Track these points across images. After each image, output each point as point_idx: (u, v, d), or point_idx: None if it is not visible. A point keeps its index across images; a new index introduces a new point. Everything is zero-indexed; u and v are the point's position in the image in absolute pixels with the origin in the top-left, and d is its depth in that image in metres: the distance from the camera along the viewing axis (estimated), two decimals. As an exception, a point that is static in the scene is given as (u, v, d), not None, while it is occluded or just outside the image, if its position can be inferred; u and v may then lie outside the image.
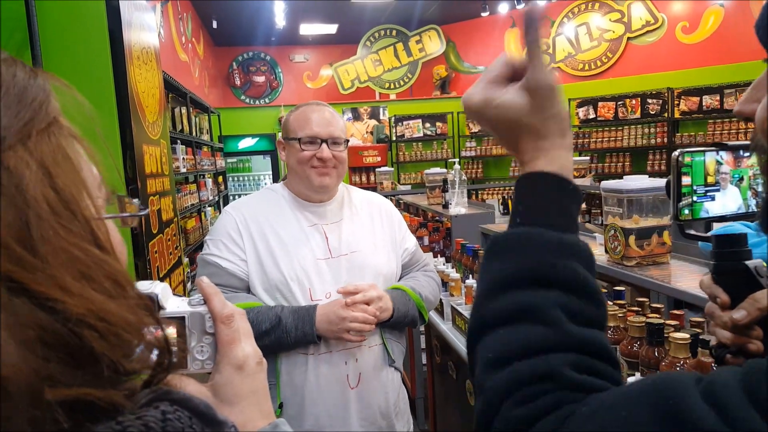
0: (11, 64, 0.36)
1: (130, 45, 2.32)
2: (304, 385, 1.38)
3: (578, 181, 4.50)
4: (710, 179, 0.81)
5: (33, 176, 0.33)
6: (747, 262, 0.76)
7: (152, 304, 0.44)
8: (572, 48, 8.42)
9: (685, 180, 0.80)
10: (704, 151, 0.82)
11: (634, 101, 7.61)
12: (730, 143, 0.82)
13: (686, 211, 0.82)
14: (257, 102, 9.85)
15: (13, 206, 0.31)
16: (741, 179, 0.82)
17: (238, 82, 9.80)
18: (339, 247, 1.48)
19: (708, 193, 0.82)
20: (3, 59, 0.36)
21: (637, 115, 7.59)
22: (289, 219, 1.49)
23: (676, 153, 0.79)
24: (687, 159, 0.79)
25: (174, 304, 0.54)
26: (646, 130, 7.52)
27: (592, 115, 8.01)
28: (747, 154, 0.82)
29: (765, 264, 0.76)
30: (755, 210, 0.84)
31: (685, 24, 7.37)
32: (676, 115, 7.28)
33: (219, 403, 0.53)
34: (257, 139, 9.30)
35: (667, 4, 7.52)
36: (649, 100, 7.46)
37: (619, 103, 7.73)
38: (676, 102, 7.27)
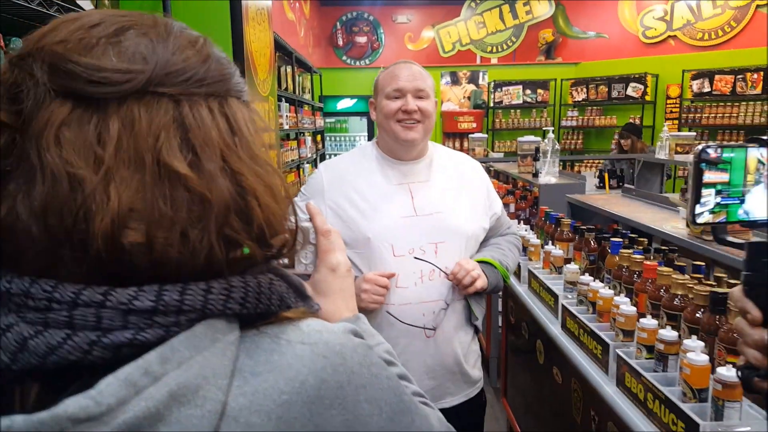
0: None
1: (247, 5, 2.53)
2: (381, 331, 1.49)
3: (681, 157, 4.32)
4: (750, 178, 0.74)
5: (242, 115, 0.50)
6: None
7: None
8: (692, 15, 7.81)
9: (719, 177, 0.73)
10: (745, 147, 0.74)
11: (755, 75, 6.99)
12: None
13: (708, 215, 0.74)
14: (358, 63, 10.03)
15: (235, 123, 0.48)
16: None
17: (340, 43, 10.02)
18: (424, 207, 1.54)
19: (745, 194, 0.75)
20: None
21: (758, 90, 6.98)
22: (377, 177, 1.56)
23: (698, 148, 0.73)
24: (726, 154, 0.73)
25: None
26: (767, 107, 6.92)
27: (707, 89, 7.46)
28: None
29: None
30: None
31: (830, -10, 6.61)
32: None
33: (316, 295, 0.71)
34: (355, 100, 9.53)
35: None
36: (775, 75, 6.83)
37: (739, 76, 7.13)
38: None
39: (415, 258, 1.51)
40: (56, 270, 0.42)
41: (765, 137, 0.74)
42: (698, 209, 0.73)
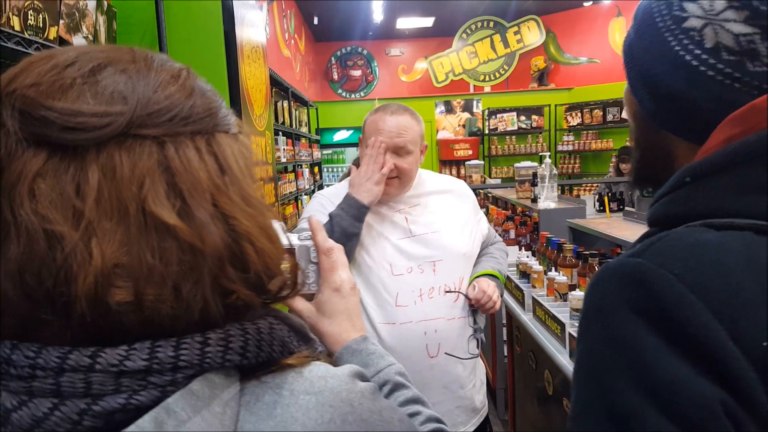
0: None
1: (242, 43, 2.55)
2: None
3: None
4: None
5: (232, 151, 0.47)
6: None
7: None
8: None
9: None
10: None
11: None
12: None
13: None
14: (353, 96, 10.15)
15: (223, 161, 0.45)
16: None
17: (335, 77, 10.15)
18: (419, 228, 1.56)
19: None
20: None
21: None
22: (375, 205, 1.56)
23: None
24: None
25: (285, 239, 0.70)
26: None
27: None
28: None
29: None
30: None
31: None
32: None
33: (321, 316, 0.69)
34: (351, 131, 9.60)
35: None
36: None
37: None
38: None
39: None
40: (39, 331, 0.39)
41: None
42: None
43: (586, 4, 8.53)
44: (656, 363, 0.48)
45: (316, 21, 8.52)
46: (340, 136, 9.67)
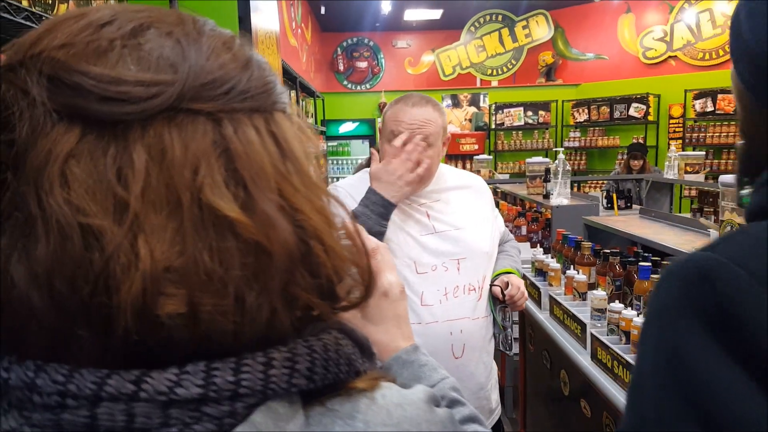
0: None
1: (257, 30, 2.50)
2: None
3: (690, 177, 4.26)
4: None
5: (293, 134, 0.41)
6: None
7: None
8: (692, 36, 7.84)
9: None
10: None
11: (760, 94, 7.00)
12: None
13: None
14: (358, 87, 10.06)
15: (285, 145, 0.39)
16: None
17: (341, 68, 10.06)
18: (441, 224, 1.51)
19: None
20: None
21: (764, 109, 6.98)
22: None
23: None
24: None
25: None
26: (773, 126, 6.90)
27: (710, 108, 7.45)
28: None
29: None
30: None
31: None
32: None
33: (367, 323, 0.61)
34: (357, 124, 9.53)
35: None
36: (779, 93, 6.84)
37: (743, 95, 7.14)
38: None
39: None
40: (69, 349, 0.32)
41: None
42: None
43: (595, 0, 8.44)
44: (715, 383, 0.42)
45: (323, 11, 8.44)
46: (346, 128, 9.60)
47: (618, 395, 1.57)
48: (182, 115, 0.34)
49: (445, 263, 1.48)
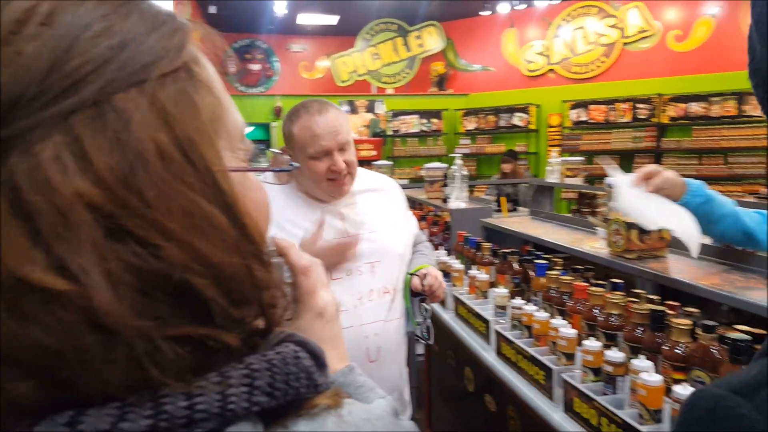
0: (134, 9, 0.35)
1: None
2: None
3: (571, 180, 4.61)
4: None
5: (143, 119, 0.32)
6: None
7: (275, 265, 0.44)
8: (568, 51, 8.52)
9: None
10: None
11: (624, 105, 7.74)
12: None
13: None
14: (251, 90, 9.82)
15: (119, 149, 0.31)
16: None
17: (233, 70, 9.76)
18: (354, 228, 1.51)
19: None
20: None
21: (627, 119, 7.72)
22: (302, 205, 1.50)
23: None
24: None
25: None
26: (635, 134, 7.67)
27: (583, 118, 8.13)
28: None
29: None
30: None
31: (678, 32, 7.50)
32: (664, 120, 7.44)
33: None
34: (252, 128, 9.28)
35: (661, 12, 7.65)
36: (639, 105, 7.62)
37: (610, 106, 7.86)
38: (664, 108, 7.43)
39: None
40: None
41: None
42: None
43: (482, 13, 8.89)
44: None
45: (212, 10, 8.14)
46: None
47: (522, 388, 1.65)
48: None
49: (360, 267, 1.48)
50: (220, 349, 0.33)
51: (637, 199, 1.48)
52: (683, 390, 1.10)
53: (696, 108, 7.15)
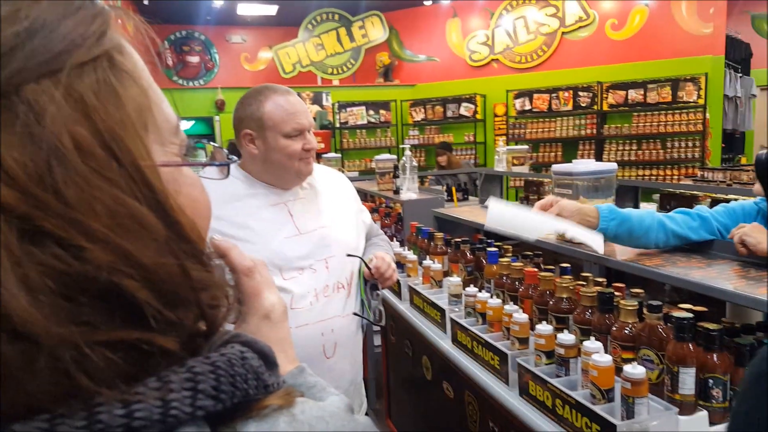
0: None
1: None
2: None
3: (518, 169, 4.71)
4: None
5: (58, 112, 0.29)
6: None
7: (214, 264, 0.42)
8: (510, 41, 8.68)
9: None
10: None
11: (566, 93, 7.97)
12: None
13: None
14: (191, 83, 9.54)
15: (32, 144, 0.28)
16: None
17: (170, 62, 9.43)
18: (306, 224, 1.48)
19: None
20: None
21: (569, 107, 7.96)
22: (248, 200, 1.46)
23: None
24: None
25: None
26: (577, 122, 7.91)
27: (527, 107, 8.31)
28: None
29: None
30: None
31: (614, 21, 7.77)
32: (605, 107, 7.71)
33: None
34: (193, 122, 9.02)
35: (598, 1, 7.90)
36: (580, 93, 7.85)
37: (553, 95, 8.07)
38: (604, 95, 7.69)
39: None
40: None
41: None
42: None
43: (426, 3, 8.92)
44: None
45: (146, 1, 7.82)
46: (181, 127, 9.02)
47: (479, 374, 1.67)
48: None
49: (313, 264, 1.46)
50: (157, 353, 0.32)
51: (516, 215, 1.57)
52: (632, 369, 1.14)
53: (634, 95, 7.43)
